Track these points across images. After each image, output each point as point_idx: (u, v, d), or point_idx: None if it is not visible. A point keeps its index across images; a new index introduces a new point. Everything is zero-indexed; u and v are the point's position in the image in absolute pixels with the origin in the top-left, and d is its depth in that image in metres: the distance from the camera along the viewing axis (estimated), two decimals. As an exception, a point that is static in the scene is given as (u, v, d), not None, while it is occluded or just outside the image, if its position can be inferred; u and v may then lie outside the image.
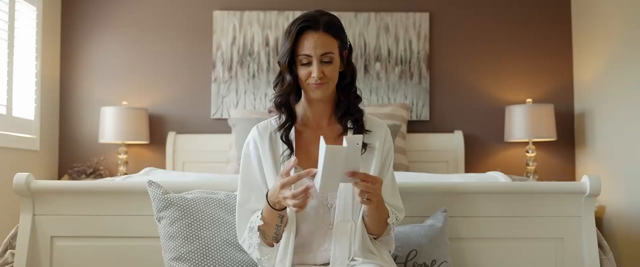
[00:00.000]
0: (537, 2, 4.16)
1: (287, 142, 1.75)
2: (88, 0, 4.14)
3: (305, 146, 1.78)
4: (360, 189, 1.55)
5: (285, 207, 1.64)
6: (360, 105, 1.82)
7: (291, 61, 1.74)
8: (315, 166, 1.57)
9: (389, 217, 1.72)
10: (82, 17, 4.13)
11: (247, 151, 1.78)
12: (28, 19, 3.66)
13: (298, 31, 1.71)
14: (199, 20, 4.16)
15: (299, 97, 1.82)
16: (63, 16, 4.13)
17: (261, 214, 1.68)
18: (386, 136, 1.81)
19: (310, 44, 1.70)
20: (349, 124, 1.79)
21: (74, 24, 4.13)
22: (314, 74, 1.69)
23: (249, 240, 1.71)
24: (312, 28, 1.71)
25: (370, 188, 1.55)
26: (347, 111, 1.79)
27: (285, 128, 1.76)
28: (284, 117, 1.78)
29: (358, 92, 1.82)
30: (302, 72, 1.72)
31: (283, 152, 1.75)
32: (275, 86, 1.80)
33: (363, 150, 1.75)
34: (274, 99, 1.79)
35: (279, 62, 1.76)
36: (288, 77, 1.75)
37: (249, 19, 4.12)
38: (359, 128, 1.77)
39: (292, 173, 1.61)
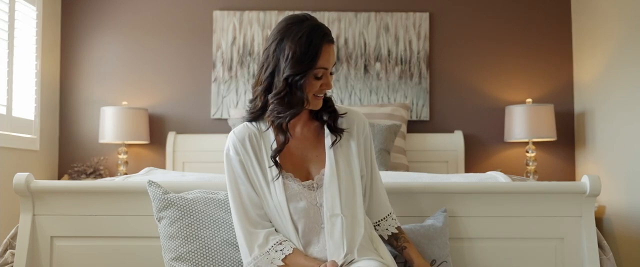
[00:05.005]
0: (537, 2, 4.16)
1: (277, 163, 1.71)
2: (88, 0, 4.14)
3: (286, 150, 1.76)
4: None
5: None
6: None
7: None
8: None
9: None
10: (82, 17, 4.13)
11: (229, 157, 1.76)
12: (28, 19, 3.66)
13: (323, 46, 1.66)
14: (199, 20, 4.16)
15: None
16: (63, 16, 4.13)
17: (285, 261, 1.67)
18: (364, 124, 1.82)
19: (329, 57, 1.68)
20: (325, 117, 1.79)
21: (74, 24, 4.13)
22: (329, 86, 1.69)
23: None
24: (331, 41, 1.70)
25: None
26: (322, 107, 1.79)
27: (278, 150, 1.72)
28: (282, 138, 1.71)
29: None
30: (314, 84, 1.68)
31: (270, 167, 1.72)
32: (277, 103, 1.67)
33: (340, 135, 1.76)
34: (274, 119, 1.70)
35: (294, 81, 1.63)
36: (299, 94, 1.65)
37: (249, 19, 4.12)
38: (334, 115, 1.78)
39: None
